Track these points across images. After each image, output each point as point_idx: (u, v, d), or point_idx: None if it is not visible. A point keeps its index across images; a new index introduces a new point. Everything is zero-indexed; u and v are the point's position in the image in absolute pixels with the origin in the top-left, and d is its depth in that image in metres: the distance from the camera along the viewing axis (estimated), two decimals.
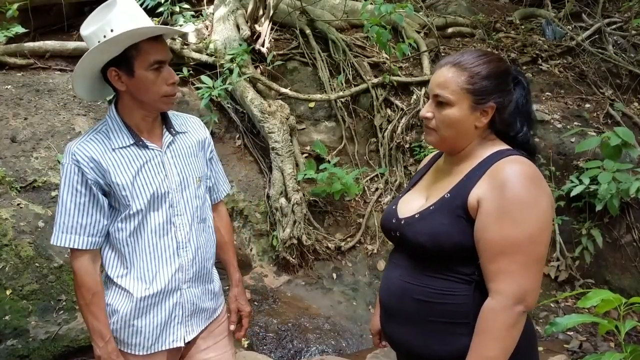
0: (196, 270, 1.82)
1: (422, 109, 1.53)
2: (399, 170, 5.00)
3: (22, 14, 4.83)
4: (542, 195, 1.39)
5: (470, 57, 1.49)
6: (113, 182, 1.65)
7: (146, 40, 1.62)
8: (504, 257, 1.36)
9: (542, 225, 1.38)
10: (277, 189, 4.42)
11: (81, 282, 1.67)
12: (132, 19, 1.61)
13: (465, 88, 1.45)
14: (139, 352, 1.74)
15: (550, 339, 3.84)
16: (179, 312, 1.79)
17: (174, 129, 1.82)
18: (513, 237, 1.35)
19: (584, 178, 4.05)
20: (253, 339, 3.60)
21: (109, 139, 1.69)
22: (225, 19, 5.27)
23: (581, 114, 5.20)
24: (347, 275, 4.37)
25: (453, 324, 1.44)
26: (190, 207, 1.80)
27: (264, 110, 4.61)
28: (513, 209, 1.36)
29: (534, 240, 1.36)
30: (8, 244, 3.30)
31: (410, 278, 1.51)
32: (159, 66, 1.65)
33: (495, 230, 1.37)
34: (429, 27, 5.99)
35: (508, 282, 1.35)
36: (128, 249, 1.71)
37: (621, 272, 4.32)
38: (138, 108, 1.71)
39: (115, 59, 1.62)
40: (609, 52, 6.00)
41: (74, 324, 3.25)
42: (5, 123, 4.05)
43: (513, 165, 1.42)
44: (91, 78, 1.71)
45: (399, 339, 1.57)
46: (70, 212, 1.64)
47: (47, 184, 3.73)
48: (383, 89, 5.30)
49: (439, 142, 1.53)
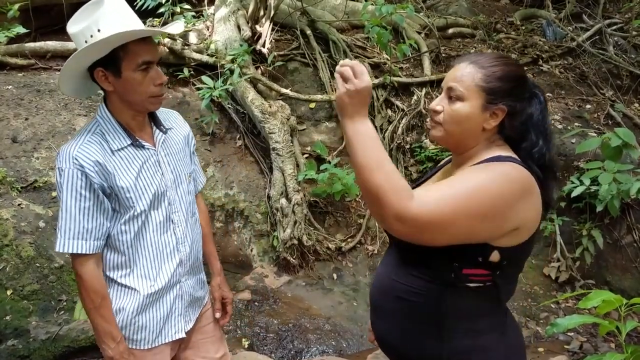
0: (192, 263, 1.89)
1: (433, 101, 1.50)
2: (399, 171, 4.99)
3: (23, 14, 4.83)
4: (509, 188, 1.32)
5: (489, 58, 1.47)
6: (117, 186, 1.65)
7: (134, 41, 1.60)
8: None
9: (488, 187, 1.31)
10: (278, 190, 4.43)
11: (90, 286, 1.66)
12: (120, 19, 1.59)
13: (480, 85, 1.42)
14: (143, 346, 1.79)
15: (551, 339, 3.84)
16: (178, 305, 1.85)
17: (163, 126, 1.84)
18: (452, 182, 1.35)
19: (584, 179, 4.04)
20: (253, 340, 3.60)
21: (106, 141, 1.67)
22: (226, 19, 5.28)
23: (582, 114, 5.20)
24: (347, 276, 4.37)
25: (427, 324, 1.43)
26: (184, 203, 1.85)
27: (264, 111, 4.61)
28: (466, 174, 1.37)
29: (474, 191, 1.30)
30: (9, 244, 3.31)
31: (395, 275, 1.51)
32: (147, 67, 1.64)
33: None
34: (430, 27, 5.99)
35: (426, 192, 1.31)
36: (132, 249, 1.73)
37: (622, 273, 4.32)
38: (127, 108, 1.70)
39: (102, 59, 1.60)
40: (609, 53, 6.00)
41: (74, 324, 3.25)
42: (6, 123, 4.06)
43: (498, 164, 1.38)
44: (77, 77, 1.69)
45: (383, 336, 1.57)
46: (75, 217, 1.62)
47: (48, 184, 3.74)
48: (384, 89, 5.30)
49: (442, 137, 1.49)
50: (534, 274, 4.42)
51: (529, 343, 3.75)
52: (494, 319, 1.44)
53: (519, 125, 1.44)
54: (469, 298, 1.39)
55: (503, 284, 1.39)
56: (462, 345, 1.40)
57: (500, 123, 1.44)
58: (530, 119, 1.45)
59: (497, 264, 1.35)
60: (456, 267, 1.37)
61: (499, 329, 1.43)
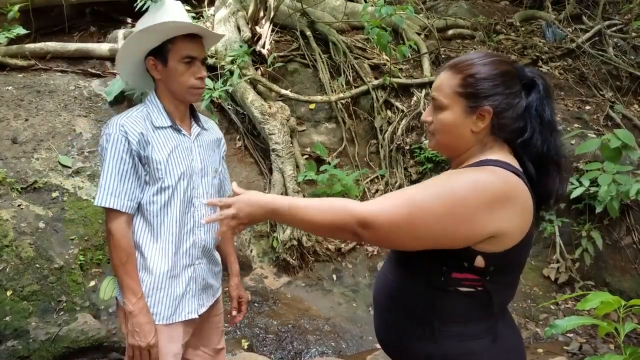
0: (205, 249, 2.02)
1: (423, 113, 1.51)
2: (399, 172, 5.00)
3: (24, 15, 4.84)
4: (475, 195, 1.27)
5: (468, 59, 1.43)
6: (151, 157, 1.84)
7: (182, 37, 1.86)
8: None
9: (448, 195, 1.28)
10: (278, 190, 4.43)
11: (118, 243, 1.82)
12: (173, 15, 1.86)
13: (457, 92, 1.39)
14: (159, 321, 1.89)
15: (550, 340, 3.84)
16: (192, 286, 1.97)
17: (202, 123, 2.07)
18: (419, 185, 1.34)
19: (584, 180, 4.05)
20: (253, 340, 3.60)
21: (150, 119, 1.89)
22: (226, 20, 5.28)
23: (581, 116, 5.20)
24: (347, 277, 4.37)
25: (418, 324, 1.42)
26: (207, 193, 2.02)
27: (264, 112, 4.62)
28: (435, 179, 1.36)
29: (433, 198, 1.28)
30: (9, 245, 3.31)
31: (390, 274, 1.51)
32: (190, 61, 1.88)
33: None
34: (430, 29, 6.00)
35: (375, 201, 1.31)
36: (158, 219, 1.88)
37: (621, 274, 4.33)
38: (171, 96, 1.93)
39: (155, 50, 1.86)
40: (609, 54, 6.01)
41: (74, 325, 3.25)
42: (6, 124, 4.06)
43: (473, 170, 1.35)
44: (133, 65, 1.94)
45: (379, 333, 1.58)
46: (114, 177, 1.80)
47: (48, 185, 3.74)
48: (383, 90, 5.31)
49: (436, 147, 1.49)
50: (533, 275, 4.42)
51: (528, 344, 3.75)
52: (486, 324, 1.41)
53: (510, 123, 1.39)
54: (460, 302, 1.37)
55: (495, 290, 1.36)
56: (453, 348, 1.38)
57: (491, 123, 1.39)
58: (528, 111, 1.40)
59: (483, 270, 1.32)
60: (445, 270, 1.35)
61: (491, 334, 1.42)
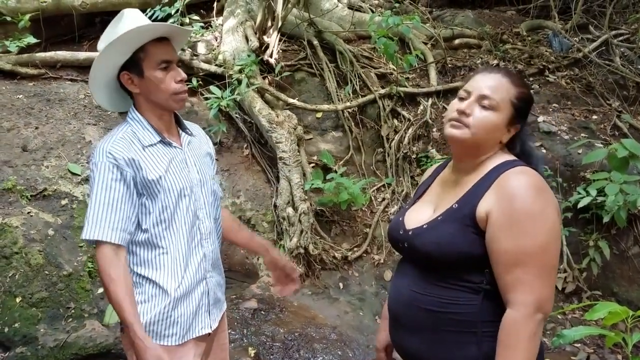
0: (214, 261, 1.97)
1: (463, 103, 1.53)
2: (405, 181, 5.01)
3: (34, 24, 4.90)
4: (549, 205, 1.42)
5: (517, 77, 1.57)
6: (147, 179, 1.75)
7: (152, 43, 1.76)
8: (519, 267, 1.38)
9: (552, 233, 1.41)
10: (285, 199, 4.45)
11: (103, 270, 1.69)
12: (135, 23, 1.74)
13: (512, 101, 1.51)
14: (174, 342, 1.82)
15: (558, 350, 3.82)
16: (205, 300, 1.91)
17: (189, 130, 1.98)
18: (525, 248, 1.38)
19: (591, 190, 4.04)
20: (260, 349, 3.60)
21: (137, 138, 1.79)
22: (234, 30, 5.33)
23: (588, 125, 5.19)
24: (353, 285, 4.37)
25: (461, 332, 1.45)
26: (208, 202, 1.94)
27: (271, 121, 4.64)
28: (523, 220, 1.39)
29: (545, 249, 1.39)
30: (18, 251, 3.34)
31: (419, 288, 1.53)
32: (167, 65, 1.78)
33: (507, 242, 1.39)
34: (436, 38, 6.02)
35: (526, 292, 1.37)
36: (166, 240, 1.80)
37: (628, 284, 4.30)
38: (153, 108, 1.83)
39: (126, 63, 1.76)
40: (616, 63, 5.99)
41: (82, 332, 3.27)
42: (16, 132, 4.10)
43: (520, 177, 1.45)
44: (108, 87, 1.84)
45: (408, 348, 1.58)
46: (102, 208, 1.70)
47: (57, 193, 3.77)
48: (390, 99, 5.33)
49: (466, 139, 1.52)
50: None
51: None
52: None
53: (516, 144, 1.58)
54: (497, 300, 1.43)
55: None
56: (493, 347, 1.41)
57: (511, 139, 1.56)
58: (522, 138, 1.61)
59: None
60: (487, 272, 1.44)
61: None
